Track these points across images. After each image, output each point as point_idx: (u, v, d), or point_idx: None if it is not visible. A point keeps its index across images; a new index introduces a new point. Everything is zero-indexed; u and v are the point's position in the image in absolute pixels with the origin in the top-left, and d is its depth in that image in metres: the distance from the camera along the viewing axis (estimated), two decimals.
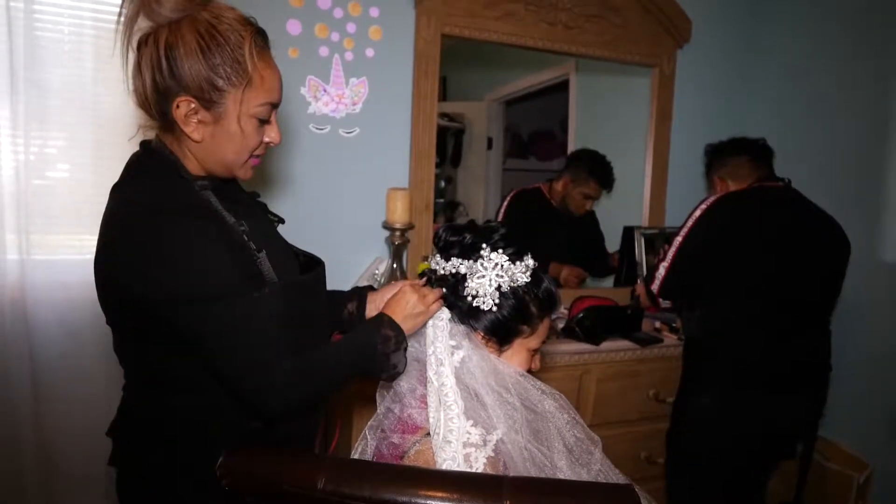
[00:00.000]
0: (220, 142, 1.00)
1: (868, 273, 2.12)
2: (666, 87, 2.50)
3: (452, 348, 1.03)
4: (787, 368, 1.77)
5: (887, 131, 2.09)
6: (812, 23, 2.39)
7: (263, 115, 1.01)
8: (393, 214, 2.02)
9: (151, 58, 0.94)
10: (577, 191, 2.52)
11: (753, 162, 1.92)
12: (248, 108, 0.98)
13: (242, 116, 0.98)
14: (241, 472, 0.89)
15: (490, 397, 1.01)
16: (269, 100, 1.01)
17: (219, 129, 0.98)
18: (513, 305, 1.05)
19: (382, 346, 1.02)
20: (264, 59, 0.99)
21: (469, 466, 0.94)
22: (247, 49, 0.95)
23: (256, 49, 0.97)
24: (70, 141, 1.81)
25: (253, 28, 0.99)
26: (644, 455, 2.12)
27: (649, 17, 2.41)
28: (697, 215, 1.84)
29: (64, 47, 1.77)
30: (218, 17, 0.96)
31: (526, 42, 2.25)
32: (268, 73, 0.99)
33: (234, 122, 0.98)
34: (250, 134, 1.01)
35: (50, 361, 1.81)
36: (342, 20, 2.03)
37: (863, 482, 2.11)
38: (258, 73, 0.97)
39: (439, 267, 1.10)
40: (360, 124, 2.10)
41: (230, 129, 0.98)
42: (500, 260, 1.05)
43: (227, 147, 1.00)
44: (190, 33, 0.93)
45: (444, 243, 1.10)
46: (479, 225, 1.11)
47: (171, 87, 0.94)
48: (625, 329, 2.11)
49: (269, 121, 1.03)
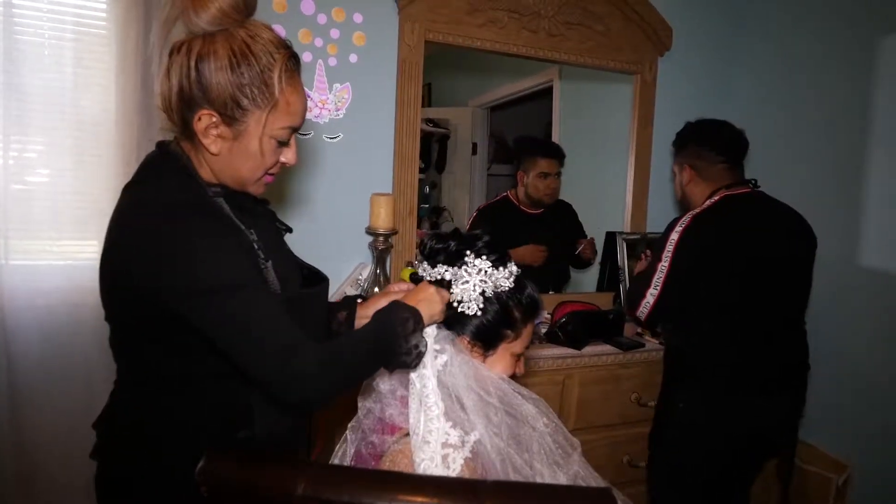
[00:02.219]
0: (236, 158, 1.01)
1: (845, 275, 2.16)
2: (647, 93, 2.53)
3: (436, 352, 1.04)
4: (768, 370, 1.80)
5: (865, 137, 2.13)
6: (791, 30, 2.43)
7: (284, 137, 1.02)
8: (376, 220, 2.02)
9: (182, 66, 0.95)
10: (531, 176, 2.52)
11: (728, 165, 1.91)
12: (269, 130, 0.99)
13: (263, 137, 0.99)
14: (219, 477, 0.88)
15: (470, 400, 1.02)
16: (292, 124, 1.02)
17: (237, 145, 1.00)
18: (497, 310, 1.08)
19: (401, 327, 1.00)
20: (293, 84, 1.00)
21: (447, 467, 0.96)
22: (276, 72, 0.96)
23: (287, 73, 0.98)
24: (50, 146, 1.79)
25: (287, 52, 1.00)
26: (626, 459, 2.13)
27: (631, 25, 2.44)
28: (676, 239, 1.80)
29: (44, 51, 1.76)
30: (254, 36, 0.97)
31: (509, 49, 2.26)
32: (294, 98, 1.00)
33: (253, 142, 0.99)
34: (268, 154, 1.02)
35: (28, 368, 1.78)
36: (326, 26, 2.03)
37: (842, 484, 2.13)
38: (284, 98, 0.98)
39: (426, 273, 1.11)
40: (343, 130, 2.10)
41: (249, 147, 1.00)
42: (483, 266, 1.07)
43: (242, 164, 1.02)
44: (223, 48, 0.94)
45: (429, 250, 1.12)
46: (463, 232, 1.12)
47: (195, 98, 0.96)
48: (607, 334, 2.13)
49: (289, 143, 1.05)
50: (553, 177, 2.53)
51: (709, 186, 1.91)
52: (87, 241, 1.84)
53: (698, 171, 1.94)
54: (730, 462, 1.86)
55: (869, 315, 2.12)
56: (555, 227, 2.59)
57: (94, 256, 1.85)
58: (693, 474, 1.84)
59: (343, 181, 2.12)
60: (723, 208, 1.84)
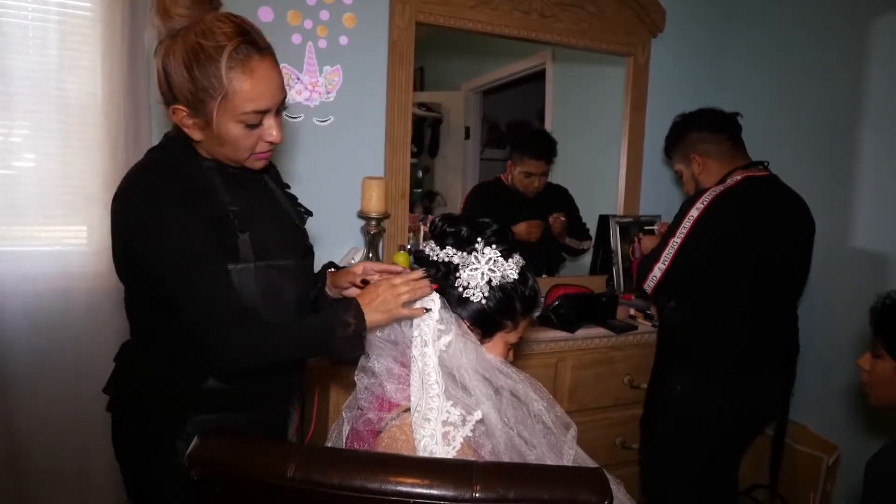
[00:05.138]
0: (215, 143, 1.10)
1: (837, 258, 2.16)
2: (640, 76, 2.51)
3: (440, 332, 1.06)
4: (769, 352, 1.81)
5: (857, 120, 2.13)
6: (785, 13, 2.41)
7: (251, 121, 1.07)
8: (368, 203, 2.01)
9: (157, 66, 1.07)
10: (518, 171, 2.51)
11: (733, 141, 1.90)
12: (233, 116, 1.06)
13: (229, 124, 1.06)
14: (209, 460, 0.88)
15: (473, 380, 1.04)
16: (255, 108, 1.06)
17: (210, 132, 1.08)
18: (500, 299, 1.08)
19: (342, 330, 1.08)
20: (246, 70, 1.04)
21: (447, 444, 0.97)
22: (223, 63, 1.02)
23: (236, 62, 1.03)
24: (35, 129, 1.76)
25: (238, 40, 1.03)
26: (619, 440, 2.15)
27: (624, 7, 2.42)
28: (696, 216, 1.76)
29: (28, 33, 1.72)
30: (206, 31, 1.02)
31: (501, 30, 2.24)
32: (247, 84, 1.04)
33: (223, 128, 1.07)
34: (240, 137, 1.08)
35: (16, 355, 1.77)
36: (315, 7, 2.00)
37: (832, 464, 2.15)
38: (235, 86, 1.03)
39: (433, 253, 1.12)
40: (334, 113, 2.08)
41: (219, 133, 1.07)
42: (493, 255, 1.08)
43: (222, 147, 1.10)
44: (180, 48, 1.03)
45: (440, 231, 1.13)
46: (474, 219, 1.13)
47: (166, 95, 1.08)
48: (599, 316, 2.13)
49: (262, 123, 1.09)
50: (537, 177, 2.50)
51: (723, 166, 1.89)
52: (74, 226, 1.82)
53: (708, 155, 1.92)
54: (727, 441, 1.88)
55: (861, 297, 2.12)
56: (549, 210, 2.57)
57: (81, 242, 1.83)
58: (690, 454, 1.85)
59: (334, 165, 2.10)
60: (744, 192, 1.80)
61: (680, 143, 2.00)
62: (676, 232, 1.79)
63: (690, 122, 1.98)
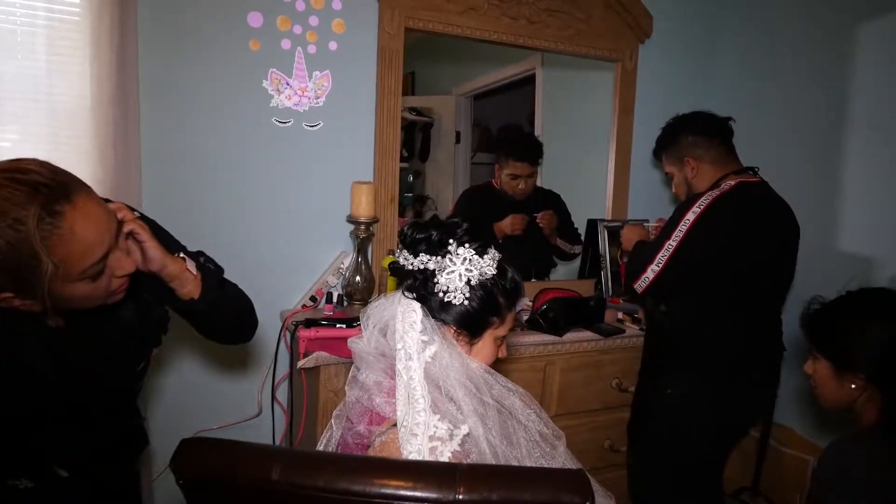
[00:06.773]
0: (75, 305, 0.99)
1: (823, 262, 2.18)
2: (628, 81, 2.54)
3: (424, 343, 1.04)
4: (753, 355, 1.83)
5: (845, 124, 2.16)
6: (771, 19, 2.44)
7: (89, 275, 0.95)
8: (357, 208, 2.02)
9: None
10: (505, 174, 2.52)
11: (726, 146, 1.92)
12: (68, 280, 0.93)
13: (67, 287, 0.94)
14: (193, 465, 0.88)
15: (460, 393, 1.02)
16: (82, 267, 0.93)
17: (62, 302, 0.96)
18: (482, 297, 1.07)
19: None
20: (64, 231, 0.89)
21: (434, 459, 0.95)
22: (35, 240, 0.87)
23: (48, 225, 0.88)
24: (24, 135, 1.75)
25: (36, 206, 0.88)
26: (607, 444, 2.16)
27: (611, 13, 2.44)
28: (692, 220, 1.76)
29: (16, 38, 1.72)
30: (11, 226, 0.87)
31: (489, 36, 2.26)
32: (74, 244, 0.91)
33: (64, 295, 0.94)
34: (88, 292, 0.97)
35: None
36: (304, 13, 2.01)
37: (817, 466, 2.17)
38: (59, 254, 0.90)
39: (408, 263, 1.10)
40: (323, 118, 2.09)
41: (64, 299, 0.96)
42: (467, 254, 1.06)
43: (81, 305, 1.00)
44: None
45: (410, 240, 1.10)
46: (442, 221, 1.11)
47: None
48: (588, 320, 2.14)
49: (103, 270, 0.98)
50: (523, 179, 2.50)
51: (716, 170, 1.90)
52: None
53: (701, 159, 1.92)
54: (716, 445, 1.90)
55: None
56: (537, 213, 2.58)
57: None
58: (679, 457, 1.86)
59: (324, 169, 2.11)
60: (739, 198, 1.80)
61: (673, 145, 2.00)
62: (672, 234, 1.78)
63: (685, 125, 1.98)
